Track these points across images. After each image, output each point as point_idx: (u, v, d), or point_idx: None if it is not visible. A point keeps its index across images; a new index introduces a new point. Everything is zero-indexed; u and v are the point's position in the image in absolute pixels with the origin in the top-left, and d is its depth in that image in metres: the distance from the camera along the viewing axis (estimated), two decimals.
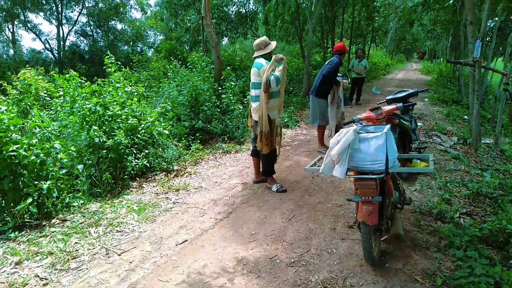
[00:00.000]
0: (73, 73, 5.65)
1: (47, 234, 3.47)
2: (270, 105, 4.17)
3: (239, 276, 2.74)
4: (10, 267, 2.94)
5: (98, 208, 4.07)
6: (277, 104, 4.27)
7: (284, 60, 4.09)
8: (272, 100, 4.17)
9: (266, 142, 4.26)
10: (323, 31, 16.28)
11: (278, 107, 4.30)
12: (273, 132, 4.28)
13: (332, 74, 5.71)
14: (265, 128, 4.20)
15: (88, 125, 4.77)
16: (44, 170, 3.84)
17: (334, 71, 5.75)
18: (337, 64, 5.79)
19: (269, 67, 4.04)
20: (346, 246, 3.10)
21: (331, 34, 15.82)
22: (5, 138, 3.58)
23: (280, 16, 13.05)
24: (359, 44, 22.09)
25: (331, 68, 5.75)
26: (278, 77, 4.01)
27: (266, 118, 4.17)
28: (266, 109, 4.15)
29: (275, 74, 4.01)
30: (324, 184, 4.58)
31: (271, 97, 4.14)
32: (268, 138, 4.24)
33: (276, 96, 4.21)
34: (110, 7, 22.23)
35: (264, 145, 4.27)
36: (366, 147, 2.54)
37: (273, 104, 4.21)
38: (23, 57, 21.15)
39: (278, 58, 4.05)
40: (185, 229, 3.58)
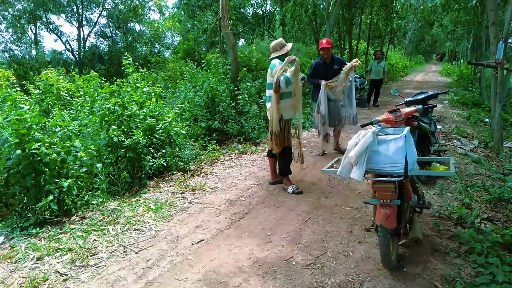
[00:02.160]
0: (93, 73, 5.76)
1: (67, 231, 3.55)
2: (283, 106, 4.18)
3: (254, 276, 2.74)
4: (31, 262, 3.02)
5: (116, 206, 4.13)
6: (292, 104, 4.25)
7: (297, 61, 4.05)
8: (284, 100, 4.17)
9: (276, 141, 4.29)
10: (340, 32, 16.18)
11: (293, 108, 4.28)
12: (284, 131, 4.27)
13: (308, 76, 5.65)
14: (275, 128, 4.23)
15: (107, 125, 4.85)
16: (64, 168, 3.93)
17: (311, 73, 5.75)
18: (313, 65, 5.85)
19: (281, 67, 4.04)
20: (363, 249, 3.06)
21: (349, 36, 15.71)
22: (28, 136, 3.67)
23: (297, 17, 13.03)
24: (376, 45, 21.86)
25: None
26: (288, 78, 3.98)
27: (276, 118, 4.20)
28: (277, 109, 4.17)
29: (285, 75, 3.99)
30: (340, 187, 4.54)
31: (282, 97, 4.15)
32: (278, 137, 4.26)
33: (288, 97, 4.20)
34: (129, 9, 22.59)
35: (274, 145, 4.31)
36: (385, 150, 2.51)
37: (286, 105, 4.21)
38: (45, 58, 21.68)
39: (291, 59, 4.03)
40: (201, 228, 3.60)
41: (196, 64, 10.62)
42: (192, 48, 13.78)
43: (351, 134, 3.29)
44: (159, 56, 17.56)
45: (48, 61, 21.15)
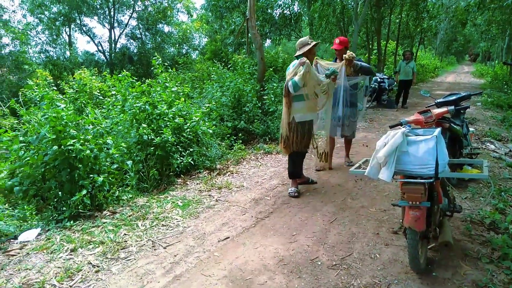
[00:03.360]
0: (125, 73, 5.94)
1: (99, 225, 3.69)
2: (296, 107, 4.11)
3: (279, 275, 2.76)
4: (66, 253, 3.16)
5: (145, 202, 4.25)
6: (306, 106, 4.11)
7: (307, 63, 3.92)
8: (296, 103, 4.10)
9: (284, 144, 4.24)
10: (368, 32, 15.93)
11: (309, 109, 4.15)
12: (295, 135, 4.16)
13: None
14: (284, 131, 4.19)
15: (138, 123, 4.99)
16: (97, 164, 4.08)
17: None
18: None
19: (293, 70, 3.99)
20: (390, 252, 3.02)
21: (377, 36, 15.44)
22: (64, 133, 3.84)
23: (324, 17, 12.92)
24: (406, 46, 21.38)
25: None
26: (295, 82, 3.89)
27: (286, 121, 4.16)
28: (286, 112, 4.14)
29: (293, 80, 3.91)
30: (367, 188, 4.49)
31: (294, 99, 4.09)
32: (285, 141, 4.20)
33: (300, 99, 4.08)
34: (159, 11, 23.08)
35: (282, 147, 4.29)
36: (414, 150, 2.46)
37: (299, 107, 4.11)
38: (78, 59, 22.49)
39: (301, 61, 3.94)
40: (227, 226, 3.65)
41: (223, 64, 10.75)
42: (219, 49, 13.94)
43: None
44: (186, 57, 17.87)
45: (81, 62, 21.93)
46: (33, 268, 2.93)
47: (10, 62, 16.12)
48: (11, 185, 3.89)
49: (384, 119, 9.31)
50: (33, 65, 17.42)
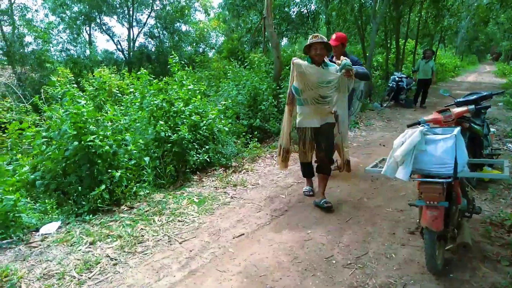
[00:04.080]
0: (143, 71, 6.03)
1: (117, 219, 3.76)
2: (301, 112, 3.84)
3: (294, 272, 2.77)
4: (85, 246, 3.24)
5: (162, 198, 4.32)
6: (312, 110, 3.72)
7: (293, 63, 3.63)
8: (301, 107, 3.83)
9: (281, 158, 4.07)
10: (386, 31, 15.70)
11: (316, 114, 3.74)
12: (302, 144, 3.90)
13: None
14: (284, 142, 4.01)
15: (155, 120, 5.07)
16: (116, 160, 4.17)
17: None
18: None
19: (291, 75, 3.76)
20: (406, 252, 2.98)
21: (395, 34, 15.19)
22: (84, 129, 3.93)
23: (342, 15, 12.81)
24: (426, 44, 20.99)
25: None
26: (295, 87, 3.70)
27: (286, 131, 3.97)
28: (287, 121, 3.94)
29: (293, 85, 3.71)
30: (383, 188, 4.44)
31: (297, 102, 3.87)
32: (284, 153, 4.02)
33: (299, 103, 3.83)
34: (177, 10, 23.29)
35: (280, 161, 4.11)
36: (433, 149, 2.43)
37: (305, 111, 3.79)
38: (97, 57, 22.89)
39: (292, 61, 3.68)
40: (242, 223, 3.67)
41: (240, 63, 10.78)
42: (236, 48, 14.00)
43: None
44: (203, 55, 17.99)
45: (100, 60, 22.31)
46: (54, 259, 3.02)
47: (32, 60, 16.53)
48: (33, 178, 4.01)
49: (401, 119, 9.18)
50: (54, 63, 17.80)
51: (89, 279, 2.76)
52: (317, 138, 3.84)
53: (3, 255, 3.09)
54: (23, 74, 16.07)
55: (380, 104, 10.75)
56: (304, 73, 3.58)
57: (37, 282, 2.72)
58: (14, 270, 2.80)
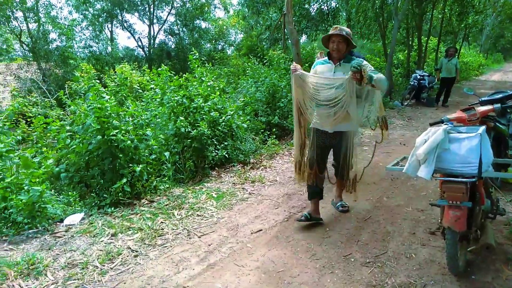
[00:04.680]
0: (164, 67, 6.11)
1: (137, 212, 3.84)
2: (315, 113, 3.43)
3: (312, 269, 2.77)
4: (107, 237, 3.32)
5: (181, 192, 4.38)
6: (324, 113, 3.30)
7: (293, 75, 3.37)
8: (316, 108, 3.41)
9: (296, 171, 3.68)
10: (408, 28, 15.39)
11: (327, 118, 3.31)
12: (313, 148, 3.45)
13: None
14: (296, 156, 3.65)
15: (175, 116, 5.13)
16: (137, 154, 4.25)
17: None
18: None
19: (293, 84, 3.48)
20: (426, 252, 2.94)
21: (418, 32, 14.88)
22: (107, 124, 4.02)
23: (363, 12, 12.62)
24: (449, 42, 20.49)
25: None
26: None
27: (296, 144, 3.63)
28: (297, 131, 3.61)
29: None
30: (404, 187, 4.38)
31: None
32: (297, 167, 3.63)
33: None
34: (196, 7, 23.42)
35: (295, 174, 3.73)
36: (456, 148, 2.38)
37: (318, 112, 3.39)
38: (119, 54, 23.28)
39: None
40: (260, 219, 3.69)
41: (259, 60, 10.78)
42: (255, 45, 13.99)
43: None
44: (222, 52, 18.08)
45: (121, 57, 22.68)
46: (77, 249, 3.11)
47: (56, 56, 16.94)
48: (58, 171, 4.13)
49: (423, 118, 9.01)
50: (77, 59, 18.21)
51: (111, 269, 2.84)
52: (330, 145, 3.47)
53: (30, 244, 3.21)
54: (48, 70, 16.49)
55: (400, 103, 10.57)
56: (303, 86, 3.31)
57: (62, 270, 2.81)
58: (40, 259, 2.90)
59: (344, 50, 3.24)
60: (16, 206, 3.38)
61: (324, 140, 3.42)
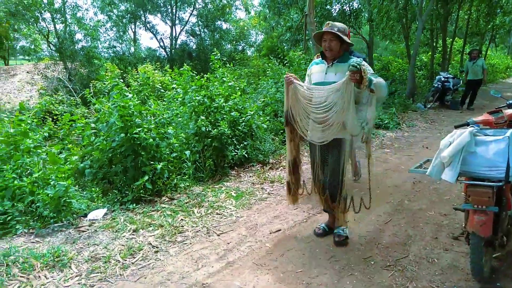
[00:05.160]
0: (186, 67, 6.19)
1: (158, 209, 3.91)
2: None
3: (331, 270, 2.75)
4: (129, 233, 3.39)
5: (201, 191, 4.42)
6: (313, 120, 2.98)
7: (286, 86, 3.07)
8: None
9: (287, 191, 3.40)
10: (432, 29, 15.08)
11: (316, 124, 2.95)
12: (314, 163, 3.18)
13: None
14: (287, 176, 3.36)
15: (196, 115, 5.19)
16: (158, 152, 4.32)
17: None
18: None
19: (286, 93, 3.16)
20: (449, 257, 2.87)
21: (442, 33, 14.55)
22: (130, 122, 4.10)
23: (386, 13, 12.44)
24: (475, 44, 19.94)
25: None
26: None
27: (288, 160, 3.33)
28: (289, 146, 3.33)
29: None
30: (426, 191, 4.29)
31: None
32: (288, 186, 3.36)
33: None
34: (218, 8, 23.62)
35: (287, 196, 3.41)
36: (483, 151, 2.32)
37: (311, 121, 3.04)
38: (141, 54, 23.72)
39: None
40: (279, 219, 3.69)
41: (279, 61, 10.78)
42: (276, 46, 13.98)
43: None
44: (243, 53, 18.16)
45: (144, 57, 23.10)
46: (100, 244, 3.19)
47: (82, 56, 17.40)
48: (83, 167, 4.25)
49: (446, 121, 8.81)
50: (101, 59, 18.65)
51: (132, 264, 2.90)
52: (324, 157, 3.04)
53: (55, 237, 3.31)
54: (73, 69, 16.95)
55: (423, 105, 10.36)
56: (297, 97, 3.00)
57: (85, 264, 2.88)
58: (64, 251, 2.99)
59: (337, 49, 2.88)
60: (43, 200, 3.50)
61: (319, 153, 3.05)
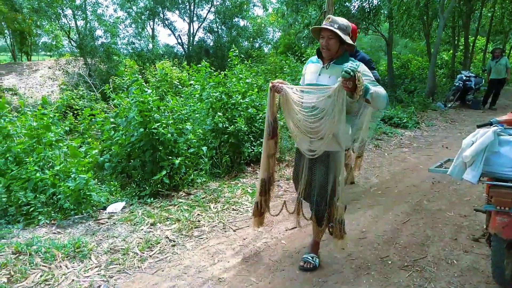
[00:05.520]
0: (204, 63, 6.23)
1: (175, 204, 3.95)
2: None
3: (347, 268, 2.73)
4: (146, 226, 3.44)
5: (217, 186, 4.45)
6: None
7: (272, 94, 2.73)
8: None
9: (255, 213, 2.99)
10: (454, 27, 14.74)
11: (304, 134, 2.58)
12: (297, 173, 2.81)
13: None
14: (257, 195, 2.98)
15: (214, 112, 5.22)
16: (176, 148, 4.36)
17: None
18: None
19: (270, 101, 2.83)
20: (469, 259, 2.82)
21: (464, 31, 14.21)
22: (149, 117, 4.16)
23: (406, 10, 12.21)
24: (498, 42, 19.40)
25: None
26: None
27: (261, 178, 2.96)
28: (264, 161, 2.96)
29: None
30: (446, 191, 4.21)
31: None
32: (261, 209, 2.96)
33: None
34: (236, 5, 23.65)
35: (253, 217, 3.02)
36: (507, 151, 2.26)
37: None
38: (159, 51, 23.97)
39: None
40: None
41: (296, 58, 10.73)
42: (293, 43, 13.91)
43: None
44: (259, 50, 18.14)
45: (161, 54, 23.35)
46: (119, 236, 3.25)
47: (101, 52, 17.72)
48: (103, 161, 4.33)
49: (467, 121, 8.62)
50: (120, 55, 18.95)
51: (150, 257, 2.94)
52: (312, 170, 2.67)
53: (75, 229, 3.39)
54: (93, 65, 17.28)
55: (443, 104, 10.16)
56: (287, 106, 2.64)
57: (105, 255, 2.94)
58: (84, 243, 3.06)
59: (335, 49, 2.49)
60: (64, 193, 3.58)
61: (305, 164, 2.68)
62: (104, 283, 2.59)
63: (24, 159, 3.90)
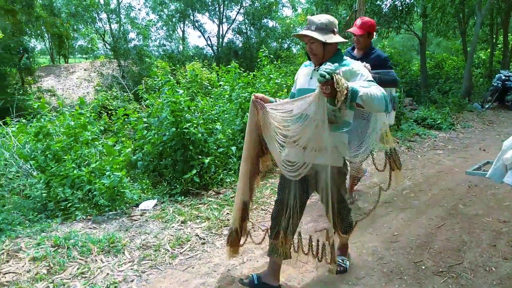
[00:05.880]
0: (233, 64, 6.29)
1: (205, 202, 4.01)
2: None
3: (379, 272, 2.67)
4: (177, 224, 3.51)
5: None
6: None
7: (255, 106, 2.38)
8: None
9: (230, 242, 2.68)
10: (492, 24, 14.13)
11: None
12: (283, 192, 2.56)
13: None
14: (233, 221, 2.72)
15: (243, 112, 5.25)
16: (206, 147, 4.42)
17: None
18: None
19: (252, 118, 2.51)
20: (509, 267, 2.69)
21: (503, 28, 13.59)
22: (181, 117, 4.24)
23: (440, 8, 11.82)
24: None
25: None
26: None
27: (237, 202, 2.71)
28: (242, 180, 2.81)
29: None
30: (483, 196, 4.04)
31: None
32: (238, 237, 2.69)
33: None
34: (264, 6, 23.72)
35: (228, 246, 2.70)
36: None
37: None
38: (189, 53, 24.41)
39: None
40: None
41: None
42: None
43: None
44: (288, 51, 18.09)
45: (191, 55, 23.77)
46: (151, 233, 3.33)
47: (134, 54, 18.28)
48: (136, 159, 4.46)
49: (506, 122, 8.24)
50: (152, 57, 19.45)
51: (180, 254, 3.00)
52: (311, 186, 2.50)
53: (110, 225, 3.50)
54: (126, 67, 17.84)
55: (481, 105, 9.75)
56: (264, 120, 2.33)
57: (137, 251, 3.03)
58: (118, 238, 3.16)
59: (321, 52, 2.23)
60: (99, 190, 3.71)
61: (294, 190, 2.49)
62: (137, 278, 2.66)
63: (63, 156, 4.07)
